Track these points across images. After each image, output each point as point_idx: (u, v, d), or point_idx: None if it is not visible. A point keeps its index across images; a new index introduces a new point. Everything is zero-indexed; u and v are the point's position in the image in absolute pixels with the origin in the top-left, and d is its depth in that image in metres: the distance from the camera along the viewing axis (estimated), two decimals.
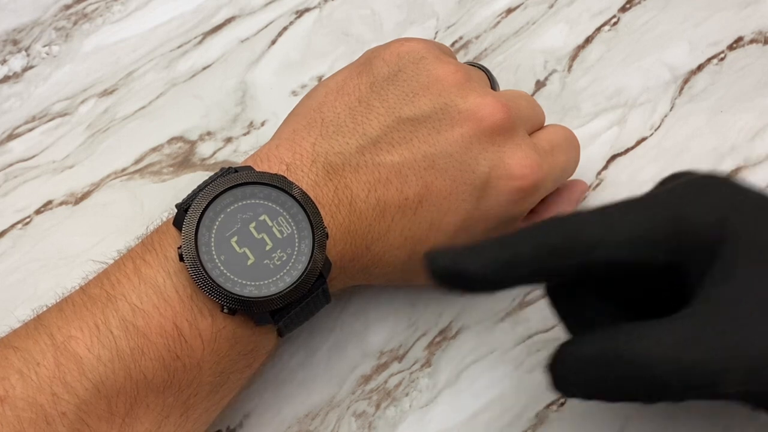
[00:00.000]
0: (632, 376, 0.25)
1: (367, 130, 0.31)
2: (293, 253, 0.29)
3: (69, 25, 0.42)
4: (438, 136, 0.31)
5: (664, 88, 0.41)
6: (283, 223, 0.29)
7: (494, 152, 0.32)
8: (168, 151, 0.40)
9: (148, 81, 0.41)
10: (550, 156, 0.33)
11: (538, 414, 0.35)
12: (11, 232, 0.38)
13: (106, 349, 0.27)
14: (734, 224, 0.26)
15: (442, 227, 0.32)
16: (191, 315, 0.28)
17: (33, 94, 0.41)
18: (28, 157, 0.40)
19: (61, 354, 0.27)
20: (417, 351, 0.36)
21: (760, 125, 0.40)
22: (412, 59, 0.32)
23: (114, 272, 0.29)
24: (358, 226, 0.31)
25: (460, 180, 0.31)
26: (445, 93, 0.32)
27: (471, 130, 0.31)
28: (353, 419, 0.35)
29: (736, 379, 0.24)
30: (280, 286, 0.29)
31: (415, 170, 0.31)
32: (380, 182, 0.31)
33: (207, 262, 0.28)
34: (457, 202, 0.31)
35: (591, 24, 0.42)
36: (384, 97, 0.32)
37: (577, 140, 0.36)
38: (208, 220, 0.29)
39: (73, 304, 0.28)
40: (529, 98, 0.36)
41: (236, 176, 0.29)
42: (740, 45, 0.42)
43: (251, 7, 0.43)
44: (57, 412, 0.26)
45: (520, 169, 0.31)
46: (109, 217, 0.38)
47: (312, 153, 0.31)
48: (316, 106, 0.32)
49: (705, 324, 0.25)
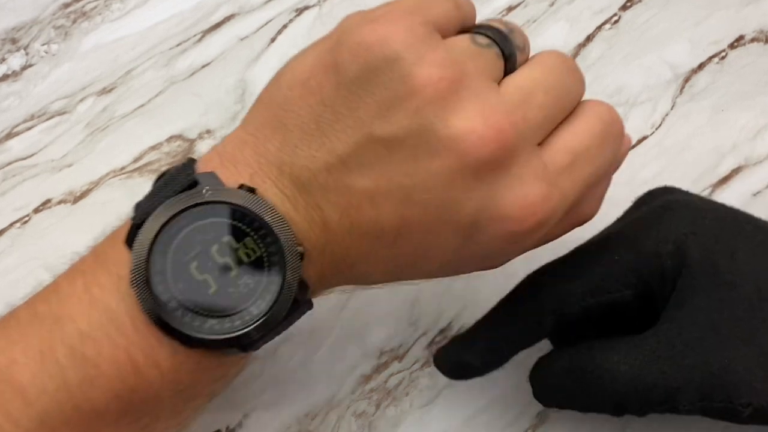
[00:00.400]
0: (598, 391, 0.28)
1: (335, 145, 0.26)
2: (262, 279, 0.25)
3: (68, 23, 0.42)
4: (415, 164, 0.25)
5: (665, 86, 0.41)
6: (250, 245, 0.25)
7: (482, 191, 0.25)
8: (167, 150, 0.40)
9: (147, 79, 0.41)
10: (567, 175, 0.27)
11: (538, 414, 0.35)
12: (10, 231, 0.38)
13: (51, 379, 0.25)
14: (691, 253, 0.28)
15: (429, 259, 0.27)
16: (147, 344, 0.25)
17: (32, 93, 0.41)
18: (27, 155, 0.39)
19: (3, 381, 0.25)
20: (417, 350, 0.36)
21: (762, 124, 0.40)
22: (385, 57, 0.25)
23: (64, 286, 0.26)
24: (336, 248, 0.27)
25: (442, 219, 0.26)
26: (422, 111, 0.25)
27: (452, 165, 0.25)
28: (353, 419, 0.35)
29: (690, 397, 0.27)
30: (246, 319, 0.25)
31: (389, 200, 0.26)
32: (352, 206, 0.26)
33: (161, 294, 0.24)
34: (441, 240, 0.27)
35: (592, 22, 0.42)
36: (352, 104, 0.26)
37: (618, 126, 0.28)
38: (162, 245, 0.25)
39: (18, 322, 0.26)
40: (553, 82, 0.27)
41: (197, 193, 0.25)
42: (741, 43, 0.42)
43: (251, 4, 0.43)
44: None
45: (518, 210, 0.26)
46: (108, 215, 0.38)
47: (277, 160, 0.26)
48: (280, 100, 0.27)
49: (663, 346, 0.27)
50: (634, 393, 0.27)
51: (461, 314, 0.37)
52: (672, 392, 0.27)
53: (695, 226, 0.29)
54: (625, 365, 0.28)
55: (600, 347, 0.29)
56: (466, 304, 0.37)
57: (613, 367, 0.28)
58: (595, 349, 0.29)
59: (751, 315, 0.27)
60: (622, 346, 0.28)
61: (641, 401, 0.27)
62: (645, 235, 0.29)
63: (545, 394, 0.31)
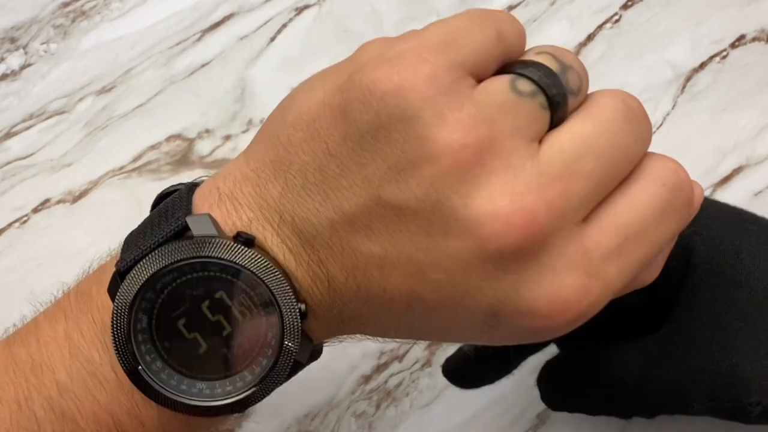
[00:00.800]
0: (608, 394, 0.28)
1: (341, 203, 0.22)
2: (257, 341, 0.23)
3: (67, 22, 0.42)
4: (428, 241, 0.21)
5: (666, 86, 0.41)
6: (245, 303, 0.22)
7: (506, 282, 0.21)
8: (166, 149, 0.40)
9: (147, 78, 0.41)
10: (614, 260, 0.22)
11: (539, 414, 0.35)
12: (9, 231, 0.38)
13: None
14: (696, 251, 0.28)
15: (448, 330, 0.24)
16: (131, 403, 0.23)
17: (31, 92, 0.41)
18: (26, 155, 0.39)
19: None
20: (417, 351, 0.36)
21: (763, 123, 0.40)
22: (401, 115, 0.21)
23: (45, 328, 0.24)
24: (342, 308, 0.23)
25: (457, 303, 0.22)
26: (439, 183, 0.21)
27: (471, 250, 0.21)
28: (353, 419, 0.35)
29: (699, 398, 0.27)
30: (239, 385, 0.23)
31: (399, 272, 0.22)
32: (359, 269, 0.23)
33: (145, 354, 0.22)
34: (459, 322, 0.23)
35: (593, 21, 0.42)
36: (361, 161, 0.22)
37: (686, 188, 0.23)
38: (147, 301, 0.22)
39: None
40: (612, 137, 0.22)
41: (188, 245, 0.22)
42: (742, 43, 0.41)
43: (250, 4, 0.42)
44: None
45: (547, 307, 0.21)
46: (107, 215, 0.38)
47: (279, 206, 0.23)
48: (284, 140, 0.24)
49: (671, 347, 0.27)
50: (644, 395, 0.27)
51: None
52: (682, 394, 0.27)
53: (700, 226, 0.29)
54: (634, 368, 0.27)
55: (608, 350, 0.28)
56: None
57: (622, 370, 0.27)
58: (603, 352, 0.28)
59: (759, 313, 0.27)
60: (630, 348, 0.28)
61: (651, 403, 0.27)
62: None
63: (554, 397, 0.30)
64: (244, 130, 0.40)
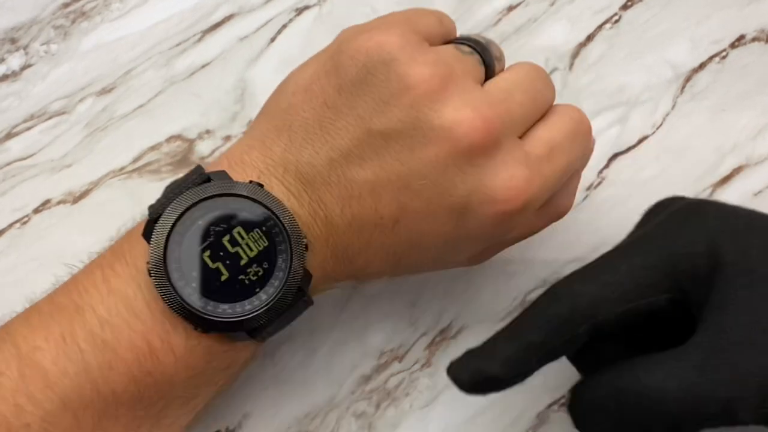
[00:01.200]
0: (646, 412, 0.26)
1: (336, 141, 0.29)
2: (270, 268, 0.28)
3: (67, 23, 0.42)
4: (411, 154, 0.28)
5: (665, 86, 0.41)
6: (258, 236, 0.28)
7: (473, 174, 0.28)
8: (167, 150, 0.40)
9: (147, 79, 0.41)
10: (545, 164, 0.29)
11: (539, 414, 0.35)
12: (9, 232, 0.38)
13: (72, 362, 0.26)
14: (724, 250, 0.27)
15: (424, 246, 0.30)
16: (163, 330, 0.27)
17: (31, 93, 0.41)
18: (27, 156, 0.39)
19: (25, 365, 0.26)
20: (417, 351, 0.36)
21: (762, 124, 0.40)
22: (382, 59, 0.28)
23: (82, 280, 0.28)
24: (337, 240, 0.29)
25: (437, 203, 0.28)
26: (417, 105, 0.28)
27: (445, 151, 0.28)
28: (353, 419, 0.35)
29: (749, 405, 0.25)
30: (256, 304, 0.27)
31: (388, 190, 0.28)
32: (353, 198, 0.29)
33: (177, 280, 0.27)
34: (436, 224, 0.29)
35: (592, 22, 0.42)
36: (352, 103, 0.29)
37: (585, 124, 0.31)
38: (177, 235, 0.27)
39: (39, 313, 0.28)
40: (529, 85, 0.31)
41: (210, 187, 0.28)
42: (742, 43, 0.41)
43: (250, 4, 0.42)
44: (20, 423, 0.26)
45: (504, 192, 0.28)
46: (107, 216, 0.38)
47: (283, 160, 0.29)
48: (285, 107, 0.30)
49: (710, 353, 0.25)
50: (688, 410, 0.25)
51: (461, 314, 0.37)
52: (729, 403, 0.25)
53: (724, 224, 0.27)
54: (673, 381, 0.25)
55: (642, 365, 0.26)
56: (466, 305, 0.37)
57: (660, 385, 0.25)
58: (637, 368, 0.26)
59: None
60: (666, 360, 0.26)
61: (696, 417, 0.25)
62: (675, 237, 0.28)
63: (588, 422, 0.28)
64: (245, 130, 0.40)
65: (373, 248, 0.29)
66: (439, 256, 0.30)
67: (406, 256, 0.30)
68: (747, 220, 0.28)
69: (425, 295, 0.37)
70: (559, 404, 0.35)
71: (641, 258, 0.28)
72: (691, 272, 0.27)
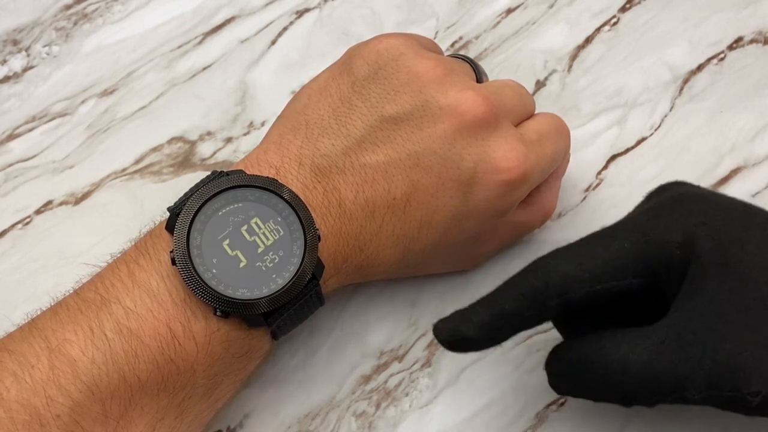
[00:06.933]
0: (607, 381, 0.28)
1: (350, 131, 0.31)
2: (285, 256, 0.29)
3: (69, 25, 0.42)
4: (420, 133, 0.31)
5: (664, 88, 0.41)
6: (274, 226, 0.30)
7: (478, 146, 0.31)
8: (168, 151, 0.40)
9: (148, 81, 0.41)
10: (537, 146, 0.33)
11: (538, 414, 0.35)
12: (11, 233, 0.38)
13: (100, 351, 0.27)
14: (700, 243, 0.28)
15: (433, 225, 0.32)
16: (185, 318, 0.28)
17: (33, 94, 0.41)
18: (29, 157, 0.40)
19: (55, 357, 0.27)
20: (417, 351, 0.36)
21: (760, 125, 0.40)
22: (392, 56, 0.32)
23: (108, 276, 0.29)
24: (349, 227, 0.31)
25: (446, 177, 0.31)
26: (425, 89, 0.31)
27: (453, 126, 0.31)
28: (353, 419, 0.35)
29: (698, 386, 0.27)
30: (272, 288, 0.29)
31: (400, 169, 0.31)
32: (367, 183, 0.31)
33: (199, 266, 0.28)
34: (445, 199, 0.31)
35: (591, 24, 0.42)
36: (365, 96, 0.32)
37: (566, 128, 0.35)
38: (199, 224, 0.29)
39: (67, 307, 0.28)
40: (516, 87, 0.35)
41: (227, 179, 0.30)
42: (740, 45, 0.42)
43: (251, 7, 0.43)
44: (51, 415, 0.26)
45: (506, 162, 0.31)
46: (109, 217, 0.39)
47: (299, 156, 0.31)
48: (301, 108, 0.32)
49: (672, 336, 0.27)
50: (643, 383, 0.27)
51: None
52: (680, 381, 0.27)
53: (705, 216, 0.29)
54: (634, 355, 0.28)
55: (609, 337, 0.29)
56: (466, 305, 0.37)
57: (622, 357, 0.28)
58: (604, 339, 0.29)
59: (761, 305, 0.27)
60: (631, 336, 0.28)
61: (650, 391, 0.27)
62: (654, 225, 0.29)
63: (558, 382, 0.31)
64: (246, 132, 0.40)
65: (385, 233, 0.31)
66: (446, 238, 0.32)
67: (416, 238, 0.32)
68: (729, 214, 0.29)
69: (425, 295, 0.37)
70: (558, 404, 0.35)
71: (618, 242, 0.29)
72: (665, 260, 0.29)
